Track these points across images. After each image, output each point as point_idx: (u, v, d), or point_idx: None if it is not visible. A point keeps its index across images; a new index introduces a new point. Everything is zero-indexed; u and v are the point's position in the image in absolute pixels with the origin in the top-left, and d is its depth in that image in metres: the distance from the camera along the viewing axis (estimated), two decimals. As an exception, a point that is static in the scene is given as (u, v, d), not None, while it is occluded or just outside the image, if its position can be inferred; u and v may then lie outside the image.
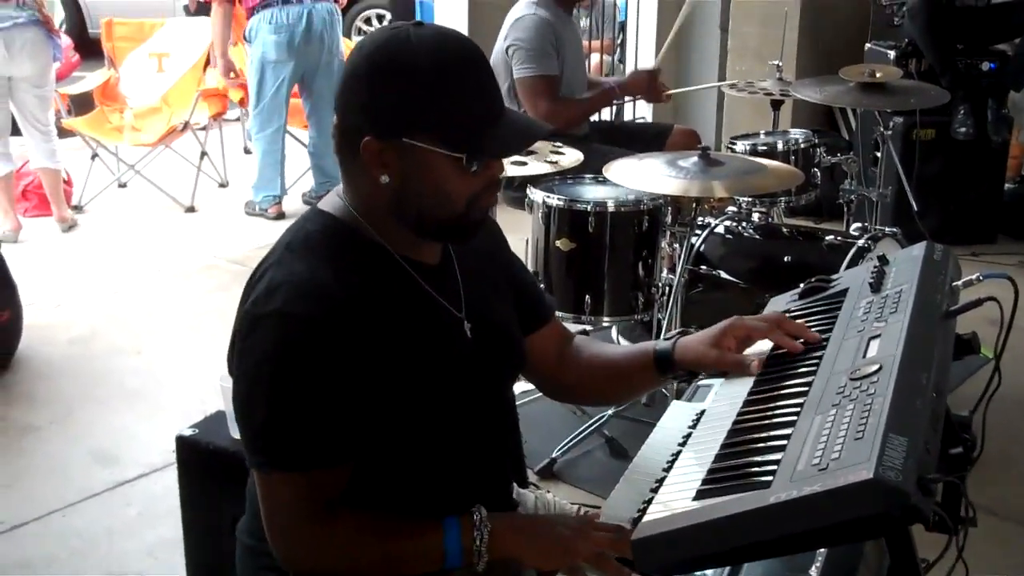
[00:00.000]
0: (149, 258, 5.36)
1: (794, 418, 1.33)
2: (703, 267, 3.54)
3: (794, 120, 6.00)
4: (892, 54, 5.46)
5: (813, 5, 6.19)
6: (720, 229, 3.62)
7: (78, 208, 6.06)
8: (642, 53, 6.82)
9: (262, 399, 1.49)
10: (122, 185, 6.40)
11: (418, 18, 7.39)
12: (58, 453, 3.53)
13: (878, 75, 3.95)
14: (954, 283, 1.64)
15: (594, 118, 4.57)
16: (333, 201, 1.62)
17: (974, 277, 1.65)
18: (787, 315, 1.73)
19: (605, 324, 3.70)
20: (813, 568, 1.43)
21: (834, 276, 1.84)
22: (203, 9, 7.40)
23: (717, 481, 1.27)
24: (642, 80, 4.47)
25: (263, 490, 1.54)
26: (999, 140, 5.33)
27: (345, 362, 1.48)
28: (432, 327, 1.61)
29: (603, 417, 3.48)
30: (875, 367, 1.35)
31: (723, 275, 3.54)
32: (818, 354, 1.53)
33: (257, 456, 1.52)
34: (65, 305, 4.77)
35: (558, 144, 3.59)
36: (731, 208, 3.88)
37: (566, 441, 3.42)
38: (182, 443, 2.37)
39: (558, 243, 3.52)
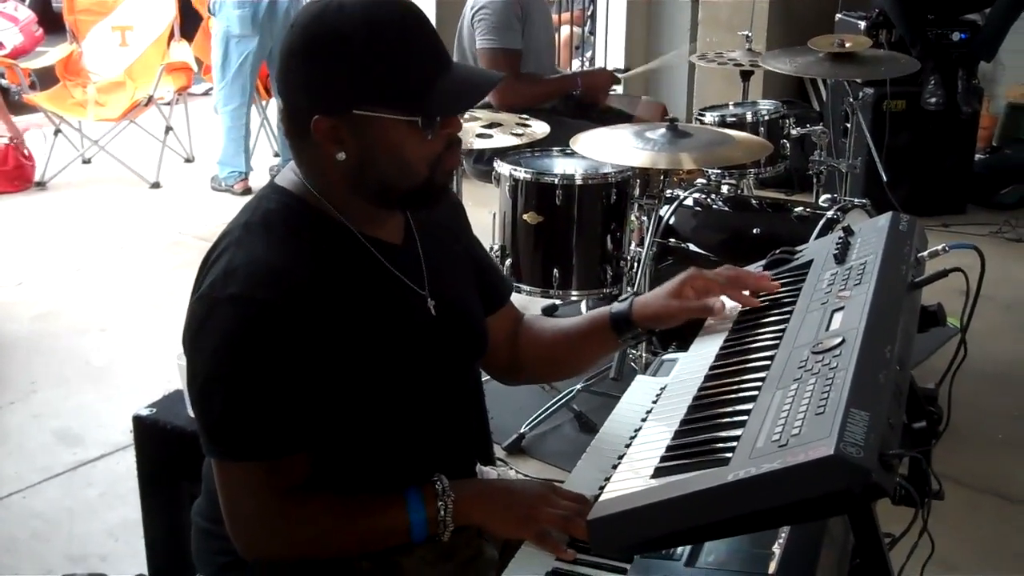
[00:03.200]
0: (114, 235, 5.28)
1: (755, 393, 1.30)
2: (672, 240, 3.51)
3: (765, 91, 5.97)
4: (863, 24, 5.44)
5: (783, -25, 6.17)
6: (689, 201, 3.59)
7: (41, 184, 5.97)
8: (612, 24, 6.77)
9: (220, 388, 1.44)
10: (86, 161, 6.31)
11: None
12: (20, 433, 3.47)
13: (847, 45, 3.93)
14: (920, 254, 1.61)
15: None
16: (290, 177, 1.57)
17: (940, 248, 1.62)
18: None
19: (574, 298, 3.67)
20: (776, 545, 1.41)
21: (799, 247, 1.81)
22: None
23: (676, 458, 1.24)
24: (603, 81, 4.44)
25: (222, 480, 1.49)
26: (969, 111, 5.32)
27: (306, 346, 1.43)
28: (395, 305, 1.56)
29: (572, 392, 3.45)
30: (838, 340, 1.32)
31: (692, 247, 3.51)
32: (782, 326, 1.50)
33: (215, 445, 1.47)
34: (28, 282, 4.70)
35: (524, 116, 3.54)
36: (700, 180, 3.85)
37: (534, 416, 3.39)
38: (139, 423, 2.32)
39: (525, 217, 3.48)
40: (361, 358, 1.49)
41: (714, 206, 3.64)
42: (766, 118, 3.89)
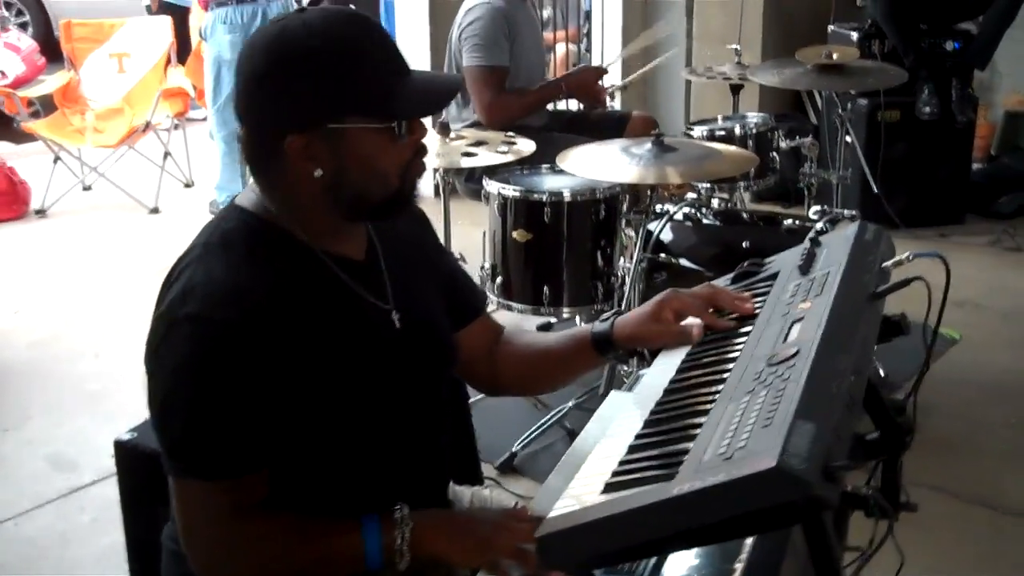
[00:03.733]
0: (111, 261, 5.30)
1: (709, 406, 1.29)
2: (663, 255, 3.50)
3: (761, 104, 5.96)
4: (855, 35, 5.44)
5: (777, -12, 6.18)
6: (679, 216, 3.58)
7: (41, 212, 6.00)
8: (608, 41, 6.78)
9: (178, 407, 1.45)
10: (86, 188, 6.34)
11: (384, 15, 7.37)
12: (13, 459, 3.48)
13: (835, 56, 3.93)
14: (884, 264, 1.60)
15: (553, 107, 4.54)
16: (251, 197, 1.58)
17: (904, 257, 1.61)
18: None
19: (566, 315, 3.67)
20: (737, 562, 1.40)
21: (767, 259, 1.80)
22: (164, 9, 7.33)
23: (627, 473, 1.23)
24: (589, 76, 4.44)
25: (179, 497, 1.50)
26: (964, 120, 5.30)
27: (265, 366, 1.43)
28: (357, 322, 1.57)
29: (563, 409, 3.45)
30: (793, 351, 1.32)
31: (683, 262, 3.51)
32: (743, 338, 1.49)
33: (174, 463, 1.48)
34: (25, 310, 4.72)
35: (510, 134, 3.55)
36: (691, 195, 3.85)
37: (526, 435, 3.38)
38: (120, 448, 2.31)
39: (515, 234, 3.48)
40: (323, 375, 1.49)
41: (704, 220, 3.64)
42: (755, 131, 3.89)
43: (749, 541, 1.43)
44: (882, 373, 3.76)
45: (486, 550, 1.45)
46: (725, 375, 1.38)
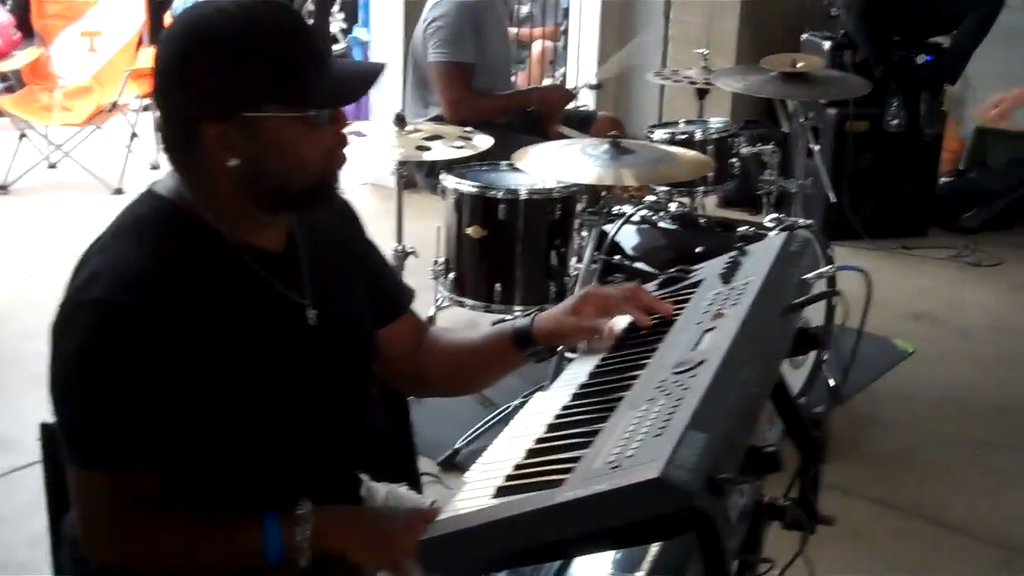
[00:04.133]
0: (71, 240, 5.23)
1: (609, 413, 1.28)
2: (617, 257, 3.50)
3: (733, 110, 5.98)
4: (827, 45, 5.44)
5: (754, -5, 6.18)
6: (636, 218, 3.58)
7: (3, 188, 5.94)
8: (584, 39, 6.77)
9: (76, 393, 1.43)
10: (52, 166, 6.28)
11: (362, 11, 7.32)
12: (-46, 438, 3.44)
13: (799, 65, 3.92)
14: (805, 276, 1.60)
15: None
16: (168, 184, 1.55)
17: (824, 269, 1.61)
18: None
19: (518, 313, 3.65)
20: (641, 569, 1.39)
21: (694, 267, 1.79)
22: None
23: (520, 478, 1.22)
24: (557, 98, 4.43)
25: (76, 485, 1.48)
26: (932, 133, 5.32)
27: (167, 355, 1.41)
28: (268, 314, 1.54)
29: (509, 407, 3.43)
30: (698, 361, 1.31)
31: (636, 265, 3.50)
32: (656, 346, 1.48)
33: (71, 451, 1.46)
34: (-21, 287, 4.68)
35: (468, 129, 3.53)
36: (650, 197, 3.84)
37: (471, 432, 3.37)
38: (45, 430, 2.28)
39: (469, 231, 3.47)
40: (228, 367, 1.47)
41: (660, 224, 3.63)
42: (715, 136, 3.88)
43: (655, 547, 1.43)
44: (831, 383, 3.77)
45: (389, 549, 1.43)
46: (632, 382, 1.37)
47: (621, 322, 1.66)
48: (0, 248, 5.17)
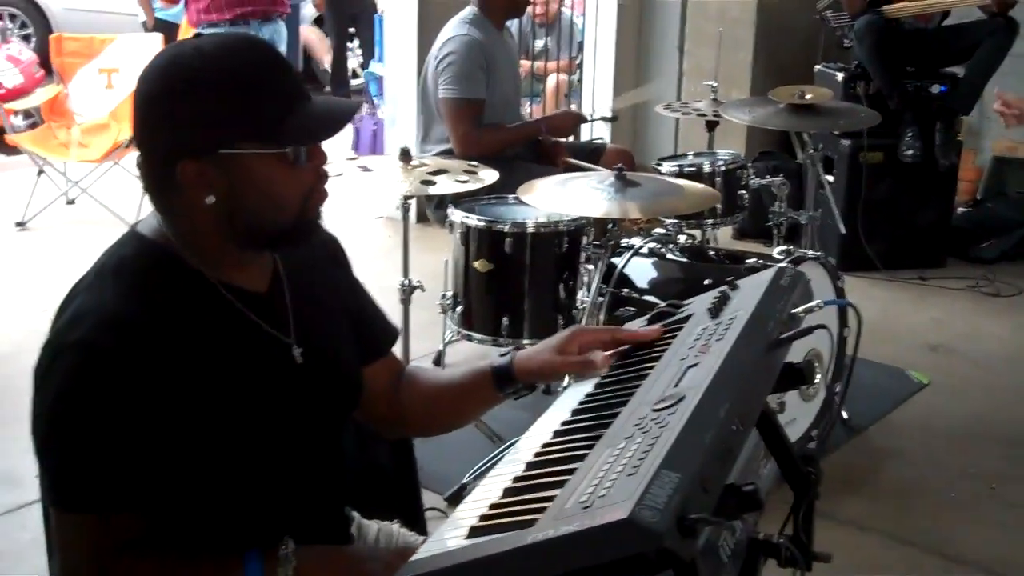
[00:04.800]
0: (87, 276, 5.27)
1: (587, 451, 1.27)
2: (626, 289, 3.48)
3: (748, 141, 5.98)
4: (840, 76, 5.43)
5: (767, 28, 6.19)
6: (644, 251, 3.57)
7: (22, 225, 5.99)
8: (599, 73, 6.79)
9: (56, 435, 1.43)
10: (70, 202, 6.32)
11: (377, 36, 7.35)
12: (-37, 474, 3.45)
13: (808, 96, 3.91)
14: (794, 310, 1.58)
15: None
16: (151, 224, 1.55)
17: (815, 304, 1.58)
18: None
19: (526, 347, 3.64)
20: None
21: (686, 301, 1.78)
22: (160, 26, 7.36)
23: (495, 518, 1.20)
24: (569, 121, 4.43)
25: (57, 528, 1.47)
26: (946, 164, 5.28)
27: (148, 397, 1.40)
28: (253, 355, 1.54)
29: (516, 442, 3.40)
30: (679, 397, 1.29)
31: (645, 298, 3.48)
32: (639, 382, 1.47)
33: (51, 493, 1.46)
34: (-6, 322, 4.71)
35: (474, 164, 3.53)
36: (659, 229, 3.83)
37: (477, 466, 3.35)
38: (44, 468, 2.28)
39: (476, 264, 3.47)
40: (213, 409, 1.46)
41: (669, 256, 3.62)
42: (723, 168, 3.87)
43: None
44: (844, 415, 3.73)
45: None
46: (613, 419, 1.35)
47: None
48: (17, 283, 5.20)
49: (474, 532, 1.18)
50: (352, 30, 9.00)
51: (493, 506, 1.24)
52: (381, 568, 1.43)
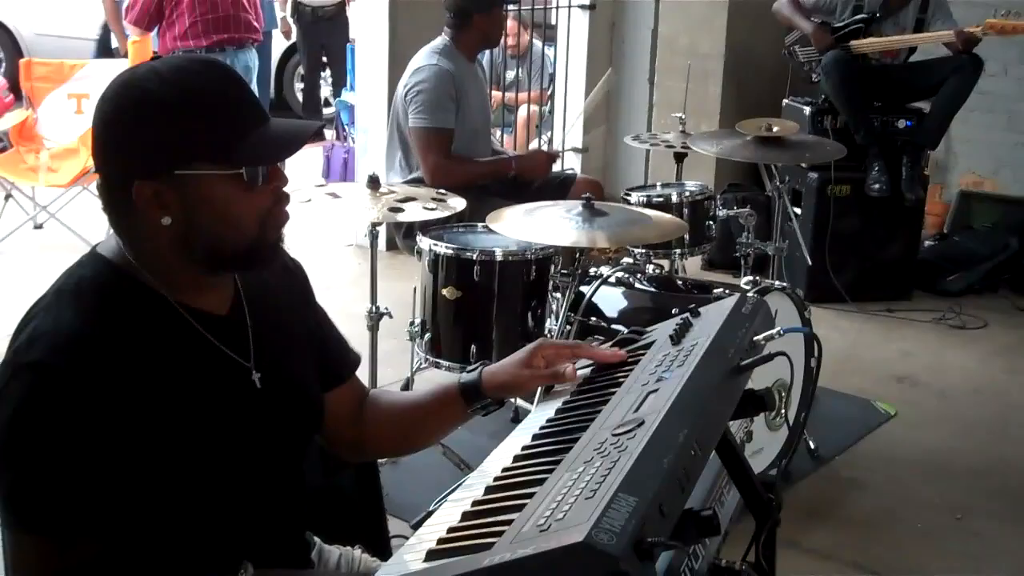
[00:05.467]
0: (54, 301, 5.23)
1: (547, 475, 1.27)
2: (593, 318, 3.50)
3: (717, 173, 6.02)
4: (808, 110, 5.48)
5: (736, 61, 6.24)
6: (612, 280, 3.58)
7: (-11, 250, 5.95)
8: (571, 104, 6.82)
9: (11, 456, 1.40)
10: (38, 226, 6.29)
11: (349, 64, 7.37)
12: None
13: (775, 129, 3.94)
14: (755, 337, 1.59)
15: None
16: (111, 246, 1.55)
17: (775, 332, 1.59)
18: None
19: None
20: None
21: (649, 328, 1.79)
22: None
23: (452, 541, 1.20)
24: (541, 161, 4.44)
25: (11, 550, 1.45)
26: (913, 198, 5.33)
27: (103, 419, 1.39)
28: (211, 378, 1.53)
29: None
30: (638, 422, 1.29)
31: (614, 326, 3.49)
32: (599, 408, 1.47)
33: (6, 514, 1.44)
34: (-44, 347, 4.65)
35: (441, 191, 3.54)
36: (627, 259, 3.85)
37: (444, 494, 3.32)
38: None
39: (444, 291, 3.46)
40: (170, 433, 1.44)
41: (637, 285, 3.63)
42: (691, 199, 3.90)
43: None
44: (812, 445, 3.75)
45: None
46: (573, 444, 1.35)
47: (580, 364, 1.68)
48: (-19, 309, 5.15)
49: (431, 555, 1.18)
50: (324, 59, 9.02)
51: (451, 529, 1.23)
52: None
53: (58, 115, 6.30)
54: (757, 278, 3.50)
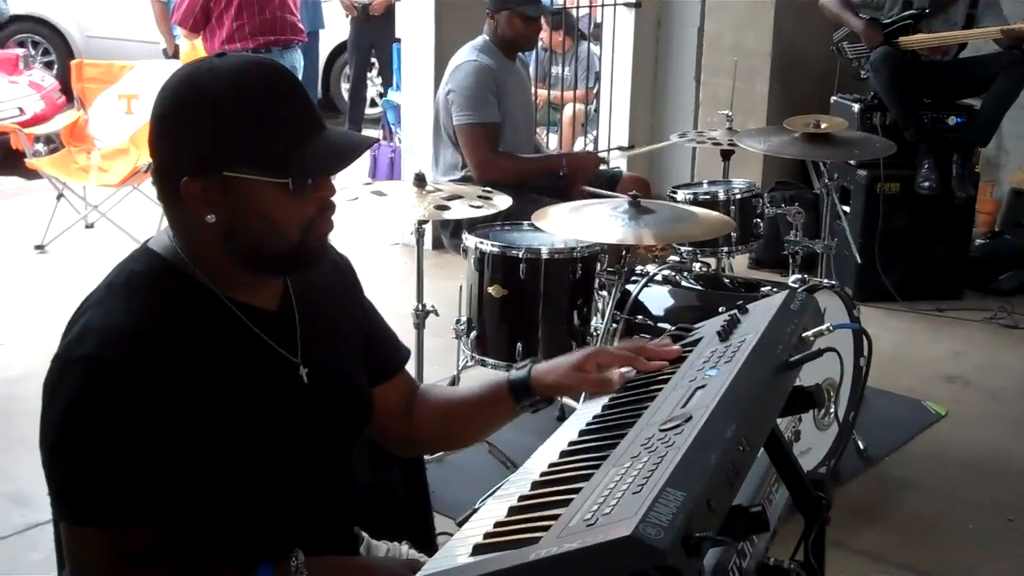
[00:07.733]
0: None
1: (593, 471, 1.26)
2: (639, 316, 3.48)
3: (764, 171, 5.98)
4: (856, 107, 5.42)
5: (783, 59, 6.20)
6: (659, 278, 3.57)
7: (41, 248, 6.03)
8: (616, 102, 6.81)
9: (67, 450, 1.42)
10: (89, 226, 6.36)
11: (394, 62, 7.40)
12: (-26, 495, 3.46)
13: (823, 125, 3.91)
14: (805, 333, 1.57)
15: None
16: (162, 240, 1.56)
17: (824, 328, 1.58)
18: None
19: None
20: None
21: (697, 325, 1.78)
22: (180, 54, 7.42)
23: (498, 535, 1.20)
24: (589, 163, 4.43)
25: (68, 543, 1.48)
26: (963, 196, 5.25)
27: (156, 412, 1.41)
28: (259, 372, 1.54)
29: (528, 468, 3.39)
30: (685, 418, 1.29)
31: (660, 325, 3.48)
32: (647, 403, 1.46)
33: (63, 508, 1.46)
34: (9, 344, 4.72)
35: (487, 189, 3.54)
36: (673, 257, 3.83)
37: (490, 491, 3.33)
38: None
39: (490, 290, 3.47)
40: (219, 425, 1.46)
41: (684, 283, 3.62)
42: (738, 196, 3.87)
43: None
44: (861, 445, 3.71)
45: None
46: (620, 439, 1.35)
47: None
48: (34, 306, 5.23)
49: (478, 549, 1.18)
50: (373, 60, 9.05)
51: (498, 524, 1.24)
52: None
53: (109, 116, 6.38)
54: (805, 276, 3.47)
